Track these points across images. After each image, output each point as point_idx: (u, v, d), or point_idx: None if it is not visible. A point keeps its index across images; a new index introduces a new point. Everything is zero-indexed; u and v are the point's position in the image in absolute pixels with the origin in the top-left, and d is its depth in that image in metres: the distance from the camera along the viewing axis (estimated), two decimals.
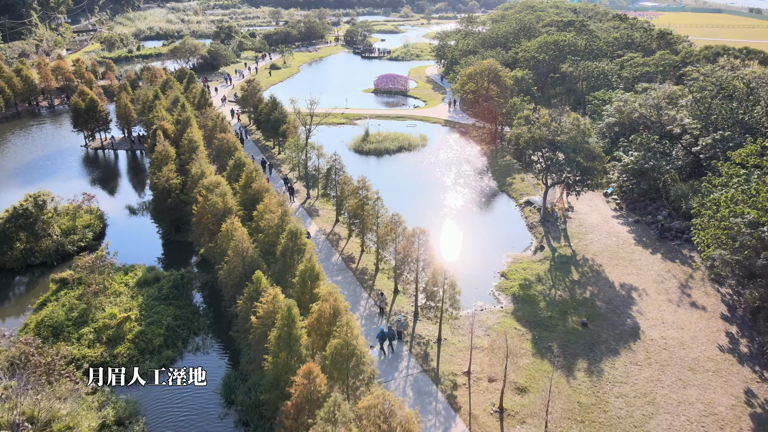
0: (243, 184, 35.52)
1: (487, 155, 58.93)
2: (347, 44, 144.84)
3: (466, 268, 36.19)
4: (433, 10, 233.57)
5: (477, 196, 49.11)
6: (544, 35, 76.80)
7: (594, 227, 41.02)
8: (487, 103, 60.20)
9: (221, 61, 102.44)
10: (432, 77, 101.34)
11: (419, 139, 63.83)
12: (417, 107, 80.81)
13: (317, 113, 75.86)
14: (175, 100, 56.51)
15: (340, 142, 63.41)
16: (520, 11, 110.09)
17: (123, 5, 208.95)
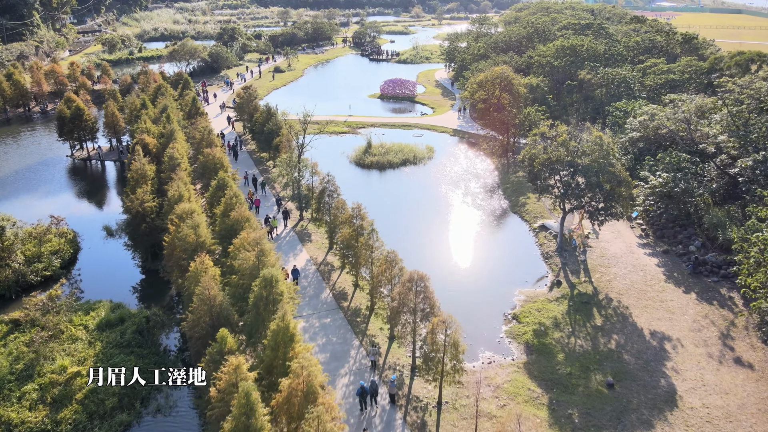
0: (222, 212, 31.58)
1: (498, 170, 54.56)
2: (355, 46, 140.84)
3: (473, 308, 31.97)
4: (445, 11, 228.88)
5: (486, 218, 44.81)
6: (560, 39, 72.18)
7: (618, 258, 36.56)
8: (499, 114, 55.82)
9: (223, 64, 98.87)
10: (441, 81, 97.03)
11: (425, 151, 59.60)
12: (424, 114, 76.56)
13: (317, 121, 72.19)
14: (163, 109, 52.79)
15: (340, 154, 59.37)
16: (534, 13, 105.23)
17: (130, 5, 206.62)
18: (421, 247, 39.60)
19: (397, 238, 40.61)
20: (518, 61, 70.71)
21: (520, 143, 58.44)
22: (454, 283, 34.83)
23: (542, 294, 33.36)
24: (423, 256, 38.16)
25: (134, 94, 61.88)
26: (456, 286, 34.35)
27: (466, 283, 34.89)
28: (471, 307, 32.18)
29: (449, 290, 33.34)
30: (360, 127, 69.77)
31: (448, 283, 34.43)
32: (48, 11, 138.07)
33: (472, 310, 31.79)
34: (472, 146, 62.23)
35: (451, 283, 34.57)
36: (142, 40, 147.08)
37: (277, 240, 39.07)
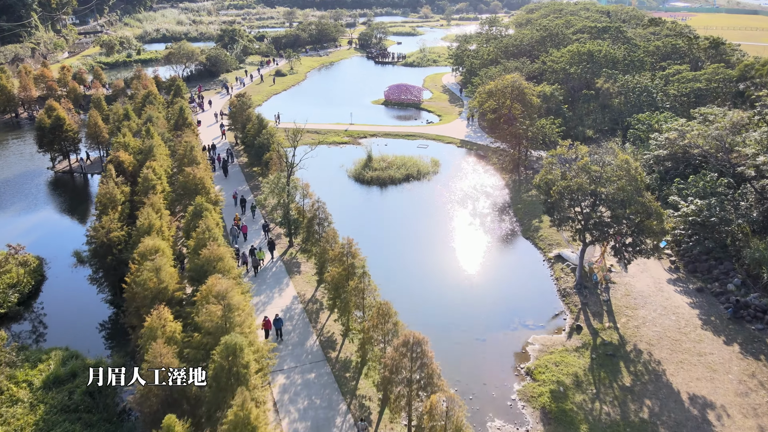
0: (193, 248, 27.60)
1: (508, 187, 50.26)
2: (361, 48, 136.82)
3: (480, 360, 27.80)
4: (454, 11, 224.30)
5: (495, 245, 40.56)
6: (575, 44, 67.67)
7: (646, 298, 32.22)
8: (510, 127, 51.53)
9: (222, 68, 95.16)
10: (449, 86, 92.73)
11: (430, 164, 55.40)
12: (430, 123, 72.31)
13: (317, 130, 68.27)
14: (147, 120, 48.98)
15: (339, 168, 55.30)
16: (546, 14, 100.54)
17: (134, 5, 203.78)
18: (422, 281, 35.48)
19: (395, 268, 36.53)
20: (530, 68, 66.30)
21: (533, 157, 54.13)
22: (459, 326, 30.64)
23: (560, 342, 29.09)
24: (423, 292, 34.03)
25: (119, 103, 58.16)
26: (461, 331, 30.16)
27: (473, 326, 30.68)
28: (478, 358, 28.02)
29: (453, 339, 29.20)
30: (361, 137, 65.69)
31: (452, 328, 30.27)
32: (47, 12, 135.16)
33: (479, 363, 27.62)
34: (481, 159, 57.93)
35: (455, 328, 30.39)
36: (143, 42, 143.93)
37: (263, 273, 35.00)
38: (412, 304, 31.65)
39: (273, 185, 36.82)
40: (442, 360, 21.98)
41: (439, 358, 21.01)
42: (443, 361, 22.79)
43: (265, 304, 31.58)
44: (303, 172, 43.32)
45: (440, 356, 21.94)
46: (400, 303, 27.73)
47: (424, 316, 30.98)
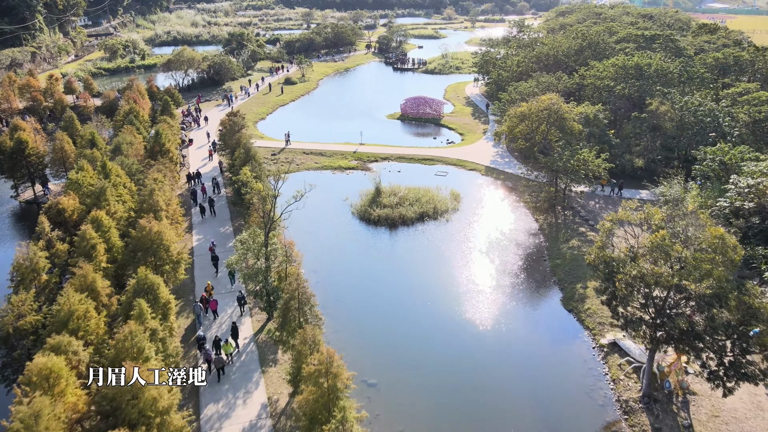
0: (110, 360, 19.77)
1: (544, 232, 41.63)
2: (379, 52, 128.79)
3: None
4: (478, 12, 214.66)
5: (527, 317, 32.08)
6: (620, 56, 58.49)
7: (742, 422, 23.46)
8: (546, 158, 42.90)
9: (226, 76, 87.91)
10: (473, 98, 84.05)
11: (449, 198, 47.06)
12: (451, 143, 63.84)
13: (321, 151, 60.01)
14: (115, 149, 41.63)
15: (342, 202, 47.28)
16: (583, 19, 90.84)
17: (150, 6, 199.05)
18: (430, 364, 27.21)
19: (397, 341, 28.31)
20: (567, 83, 57.35)
21: (573, 193, 45.37)
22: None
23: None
24: (430, 380, 25.75)
25: (94, 123, 51.04)
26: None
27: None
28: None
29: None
30: (372, 161, 57.57)
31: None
32: (53, 14, 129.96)
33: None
34: (510, 192, 49.28)
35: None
36: (152, 45, 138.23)
37: (229, 369, 26.95)
38: (412, 393, 23.52)
39: (246, 246, 28.83)
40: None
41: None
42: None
43: (221, 418, 23.62)
44: (300, 208, 35.34)
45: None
46: (398, 390, 23.11)
47: (429, 416, 22.80)
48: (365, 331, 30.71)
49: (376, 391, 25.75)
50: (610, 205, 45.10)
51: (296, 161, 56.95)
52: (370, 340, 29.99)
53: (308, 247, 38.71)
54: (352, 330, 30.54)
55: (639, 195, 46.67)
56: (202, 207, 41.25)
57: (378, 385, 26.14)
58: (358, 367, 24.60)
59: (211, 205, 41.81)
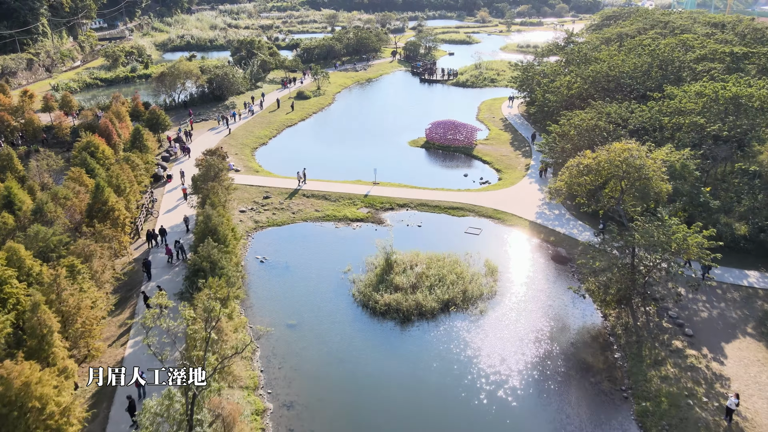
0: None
1: (618, 340, 29.49)
2: (406, 60, 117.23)
3: None
4: (514, 14, 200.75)
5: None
6: (706, 81, 45.70)
7: None
8: (622, 230, 30.81)
9: (230, 90, 77.55)
10: (511, 120, 71.82)
11: (484, 275, 35.36)
12: (485, 183, 51.91)
13: (325, 194, 48.11)
14: (36, 208, 31.19)
15: (342, 275, 35.97)
16: (644, 28, 77.01)
17: (170, 7, 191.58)
18: None
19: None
20: (642, 117, 44.66)
21: (657, 277, 32.95)
22: None
23: None
24: None
25: (35, 165, 40.89)
26: None
27: None
28: None
29: None
30: (386, 209, 46.15)
31: None
32: (60, 16, 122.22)
33: None
34: (566, 266, 37.20)
35: None
36: (164, 50, 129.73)
37: None
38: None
39: (155, 425, 17.63)
40: None
41: None
42: None
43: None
44: (287, 281, 24.15)
45: None
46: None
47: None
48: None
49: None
50: (708, 296, 32.64)
51: (292, 208, 45.94)
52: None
53: (285, 354, 27.59)
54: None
55: (746, 279, 34.08)
56: (147, 297, 30.25)
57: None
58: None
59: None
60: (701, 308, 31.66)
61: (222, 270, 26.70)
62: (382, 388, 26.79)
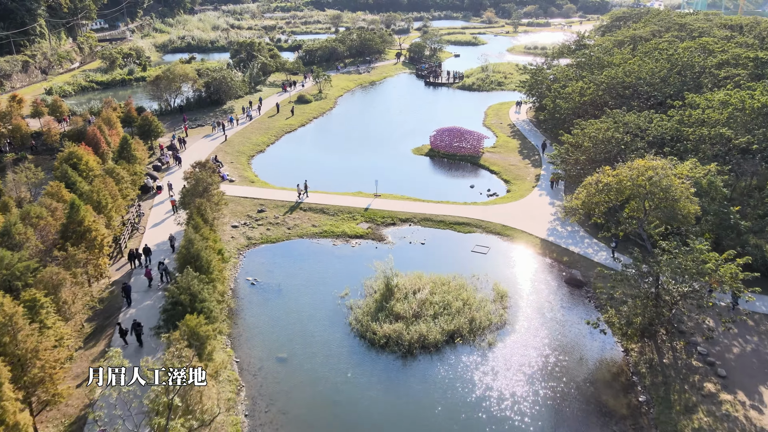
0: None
1: (642, 380, 26.56)
2: (410, 62, 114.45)
3: None
4: (521, 15, 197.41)
5: None
6: (731, 89, 42.71)
7: None
8: (644, 255, 27.95)
9: (228, 94, 74.90)
10: (519, 126, 68.88)
11: (493, 300, 32.55)
12: (493, 196, 49.05)
13: (324, 207, 45.57)
14: (3, 231, 28.60)
15: (338, 300, 33.19)
16: (660, 30, 73.79)
17: (172, 8, 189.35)
18: None
19: None
20: (663, 127, 41.64)
21: (683, 307, 30.00)
22: None
23: None
24: None
25: (11, 176, 38.35)
26: None
27: None
28: None
29: None
30: (388, 224, 43.36)
31: None
32: (58, 17, 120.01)
33: None
34: (581, 291, 34.32)
35: None
36: (164, 51, 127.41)
37: None
38: None
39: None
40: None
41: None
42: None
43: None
44: (279, 306, 21.43)
45: None
46: None
47: None
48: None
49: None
50: (740, 328, 29.67)
51: (287, 223, 43.20)
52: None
53: (273, 393, 24.87)
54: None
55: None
56: (123, 330, 27.51)
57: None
58: None
59: (137, 333, 27.76)
60: (733, 343, 28.73)
61: (203, 303, 23.98)
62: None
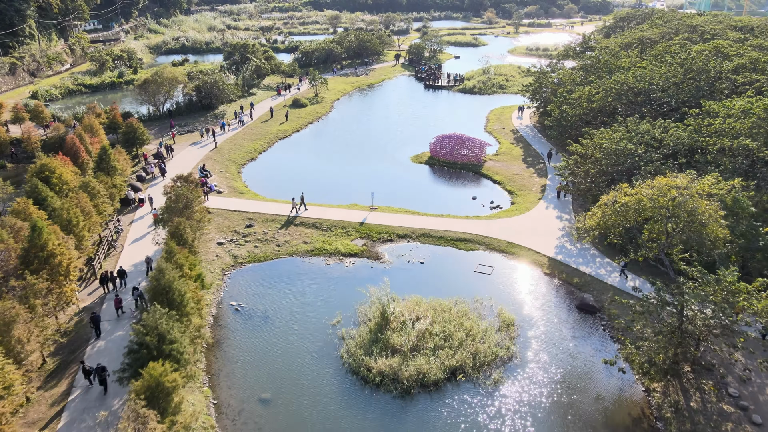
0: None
1: (666, 426, 23.71)
2: (410, 64, 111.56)
3: None
4: (522, 15, 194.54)
5: None
6: (752, 96, 39.84)
7: None
8: (675, 296, 25.11)
9: (219, 98, 71.99)
10: (522, 131, 66.03)
11: (498, 329, 29.72)
12: (497, 208, 46.20)
13: (317, 222, 42.51)
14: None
15: (329, 329, 30.32)
16: (669, 32, 70.87)
17: (168, 8, 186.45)
18: None
19: None
20: (679, 137, 38.76)
21: (711, 342, 27.10)
22: None
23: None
24: None
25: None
26: None
27: None
28: None
29: None
30: (384, 240, 40.49)
31: None
32: (48, 18, 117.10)
33: None
34: (592, 317, 31.47)
35: None
36: (158, 53, 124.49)
37: None
38: None
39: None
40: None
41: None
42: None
43: None
44: (264, 336, 18.60)
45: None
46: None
47: None
48: None
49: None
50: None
51: (277, 239, 40.33)
52: None
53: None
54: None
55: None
56: (87, 370, 24.55)
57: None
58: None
59: (101, 378, 24.51)
60: (765, 381, 25.87)
61: (172, 346, 21.11)
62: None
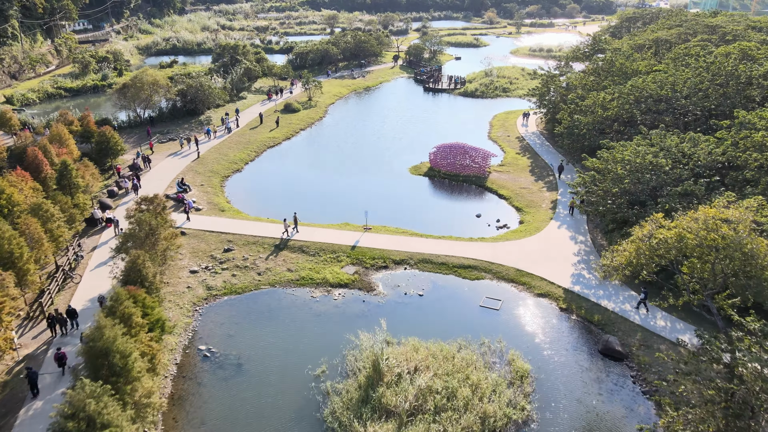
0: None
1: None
2: (409, 65, 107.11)
3: None
4: (524, 15, 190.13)
5: None
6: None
7: None
8: (718, 338, 20.69)
9: (205, 103, 67.49)
10: (528, 139, 61.60)
11: (511, 383, 25.27)
12: (503, 228, 41.75)
13: (305, 246, 37.22)
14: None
15: (310, 386, 25.81)
16: (686, 34, 66.12)
17: (162, 8, 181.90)
18: None
19: None
20: (713, 153, 34.28)
21: None
22: None
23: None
24: None
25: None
26: None
27: None
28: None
29: None
30: (378, 267, 36.00)
31: None
32: (33, 18, 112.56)
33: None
34: (619, 364, 27.02)
35: None
36: (147, 54, 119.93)
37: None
38: None
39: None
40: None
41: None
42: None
43: None
44: (236, 392, 14.05)
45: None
46: None
47: None
48: None
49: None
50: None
51: (258, 266, 35.82)
52: None
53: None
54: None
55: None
56: None
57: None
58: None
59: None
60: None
61: (106, 431, 16.66)
62: None
